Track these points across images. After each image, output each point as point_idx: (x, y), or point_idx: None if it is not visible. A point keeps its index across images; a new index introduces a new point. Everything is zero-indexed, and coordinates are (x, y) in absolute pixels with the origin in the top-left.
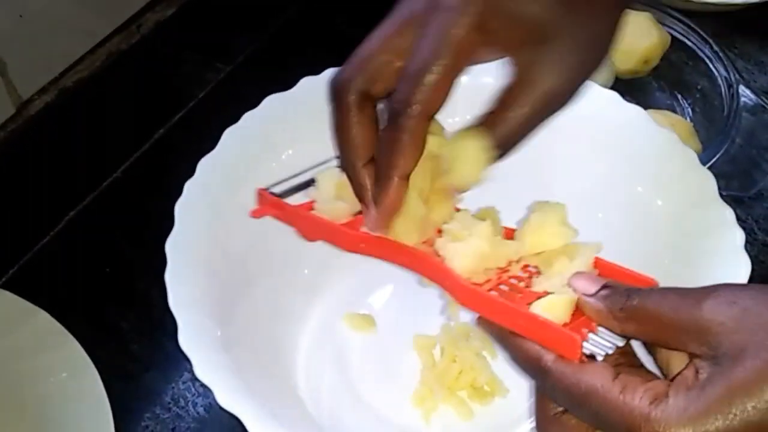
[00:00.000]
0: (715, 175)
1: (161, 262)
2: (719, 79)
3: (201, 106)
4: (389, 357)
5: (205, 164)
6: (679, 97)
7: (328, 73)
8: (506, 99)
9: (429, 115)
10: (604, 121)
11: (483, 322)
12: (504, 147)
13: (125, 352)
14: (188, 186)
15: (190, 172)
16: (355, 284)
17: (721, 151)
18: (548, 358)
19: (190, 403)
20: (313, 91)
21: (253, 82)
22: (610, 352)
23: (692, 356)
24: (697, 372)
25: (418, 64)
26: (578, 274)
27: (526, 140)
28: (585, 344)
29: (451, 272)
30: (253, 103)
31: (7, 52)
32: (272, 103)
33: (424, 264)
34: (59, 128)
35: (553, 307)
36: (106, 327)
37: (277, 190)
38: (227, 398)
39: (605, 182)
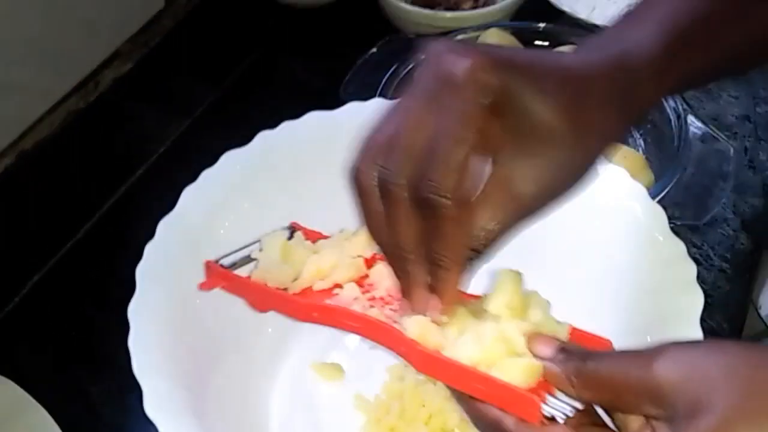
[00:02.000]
0: (669, 205)
1: (128, 323)
2: (668, 109)
3: (162, 161)
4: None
5: (164, 226)
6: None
7: (284, 126)
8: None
9: (468, 198)
10: None
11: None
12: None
13: (94, 416)
14: (148, 249)
15: (154, 229)
16: (320, 336)
17: (674, 181)
18: (508, 421)
19: None
20: (269, 145)
21: (214, 133)
22: (570, 414)
23: (648, 417)
24: None
25: (443, 148)
26: (536, 336)
27: (496, 246)
28: (544, 406)
29: (407, 338)
30: (216, 154)
31: None
32: (229, 159)
33: (379, 331)
34: (20, 192)
35: (512, 370)
36: (74, 391)
37: (226, 261)
38: None
39: (555, 221)
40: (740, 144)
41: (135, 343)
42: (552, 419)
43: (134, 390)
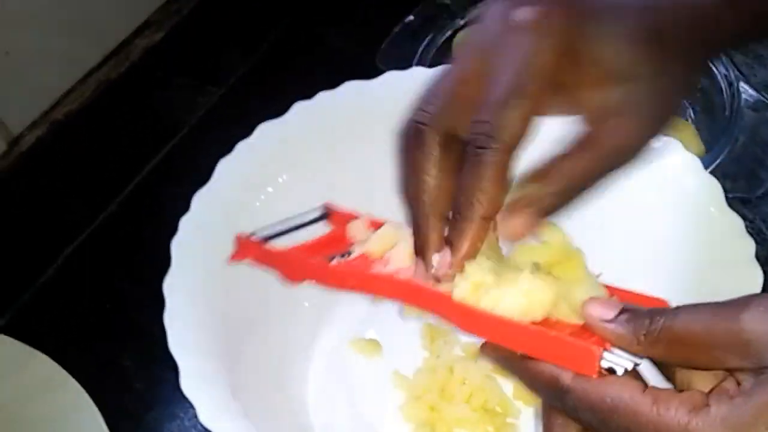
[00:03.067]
0: (721, 177)
1: (162, 296)
2: (719, 76)
3: (195, 132)
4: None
5: (199, 199)
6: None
7: (320, 96)
8: (571, 150)
9: (513, 147)
10: None
11: (488, 350)
12: (561, 199)
13: (128, 390)
14: (183, 223)
15: (187, 202)
16: (357, 311)
17: (725, 152)
18: (566, 376)
19: None
20: (306, 116)
21: (247, 103)
22: (630, 367)
23: (731, 371)
24: (738, 384)
25: (500, 91)
26: (592, 300)
27: (586, 193)
28: (606, 355)
29: (447, 297)
30: (248, 125)
31: None
32: (265, 130)
33: (418, 293)
34: (52, 162)
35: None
36: (108, 365)
37: (260, 235)
38: None
39: (608, 195)
40: None
41: (171, 319)
42: (610, 372)
43: (168, 364)
